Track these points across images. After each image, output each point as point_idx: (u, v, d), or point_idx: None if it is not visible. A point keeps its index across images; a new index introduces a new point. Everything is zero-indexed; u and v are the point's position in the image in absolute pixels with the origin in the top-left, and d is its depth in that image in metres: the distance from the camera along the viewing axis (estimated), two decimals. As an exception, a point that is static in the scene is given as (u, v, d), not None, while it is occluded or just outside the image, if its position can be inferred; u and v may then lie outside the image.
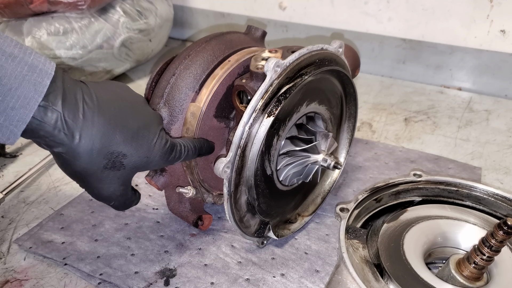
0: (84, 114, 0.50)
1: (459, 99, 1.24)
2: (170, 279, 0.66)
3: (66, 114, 0.48)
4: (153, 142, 0.56)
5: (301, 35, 1.46)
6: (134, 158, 0.55)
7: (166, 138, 0.58)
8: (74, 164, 0.51)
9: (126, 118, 0.54)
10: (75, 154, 0.50)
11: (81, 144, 0.50)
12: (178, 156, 0.60)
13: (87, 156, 0.51)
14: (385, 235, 0.65)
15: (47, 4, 1.10)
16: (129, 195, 0.60)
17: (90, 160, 0.51)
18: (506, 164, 0.95)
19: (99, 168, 0.52)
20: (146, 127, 0.56)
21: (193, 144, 0.62)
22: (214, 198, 0.74)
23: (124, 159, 0.54)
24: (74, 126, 0.49)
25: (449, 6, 1.23)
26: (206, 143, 0.65)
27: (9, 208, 0.81)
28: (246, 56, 0.68)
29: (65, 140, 0.49)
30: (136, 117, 0.56)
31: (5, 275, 0.67)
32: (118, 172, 0.54)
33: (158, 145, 0.57)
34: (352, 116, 0.79)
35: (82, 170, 0.52)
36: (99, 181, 0.54)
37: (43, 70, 0.47)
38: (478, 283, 0.58)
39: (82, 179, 0.54)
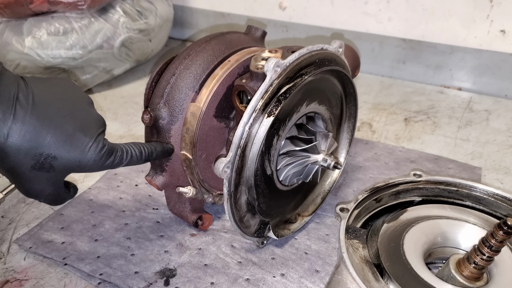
0: (14, 114, 0.49)
1: (459, 99, 1.24)
2: (170, 279, 0.66)
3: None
4: (88, 146, 0.55)
5: (301, 35, 1.46)
6: (65, 161, 0.54)
7: (104, 143, 0.57)
8: (2, 162, 0.51)
9: (62, 120, 0.53)
10: (3, 152, 0.50)
11: (8, 143, 0.49)
12: (118, 161, 0.58)
13: (14, 155, 0.50)
14: (385, 235, 0.65)
15: (47, 4, 1.10)
16: (60, 194, 0.59)
17: (18, 160, 0.51)
18: (506, 164, 0.95)
19: (26, 168, 0.52)
20: (83, 130, 0.55)
21: (139, 149, 0.61)
22: (214, 198, 0.74)
23: (54, 161, 0.53)
24: (1, 125, 0.49)
25: (449, 6, 1.23)
26: (159, 148, 0.64)
27: (9, 208, 0.81)
28: (246, 56, 0.68)
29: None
30: (74, 119, 0.55)
31: (5, 275, 0.67)
32: (47, 173, 0.54)
33: (93, 150, 0.55)
34: (352, 116, 0.79)
35: (10, 168, 0.52)
36: (27, 180, 0.54)
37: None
38: (478, 283, 0.58)
39: (11, 177, 0.54)
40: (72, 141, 0.54)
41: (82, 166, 0.55)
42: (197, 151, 0.66)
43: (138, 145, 0.62)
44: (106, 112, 1.17)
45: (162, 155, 0.65)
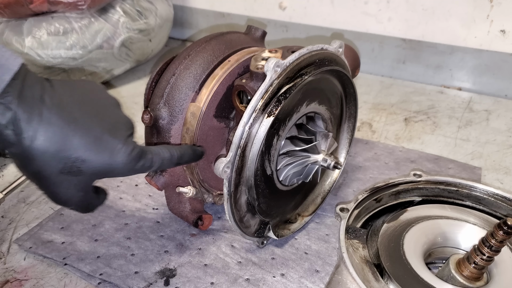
0: (41, 115, 0.47)
1: (459, 99, 1.24)
2: (170, 279, 0.66)
3: (20, 113, 0.46)
4: (117, 148, 0.52)
5: (301, 35, 1.46)
6: (94, 164, 0.51)
7: (134, 146, 0.54)
8: (28, 166, 0.49)
9: (90, 122, 0.51)
10: (28, 155, 0.48)
11: (33, 146, 0.47)
12: (149, 165, 0.56)
13: (41, 159, 0.48)
14: (385, 235, 0.65)
15: (47, 4, 1.11)
16: (90, 200, 0.56)
17: (44, 163, 0.49)
18: (506, 164, 0.95)
19: (54, 172, 0.49)
20: (111, 132, 0.52)
21: (169, 152, 0.58)
22: (214, 198, 0.74)
23: (83, 165, 0.50)
24: (27, 127, 0.46)
25: (449, 6, 1.23)
26: (190, 151, 0.62)
27: (9, 208, 0.81)
28: (246, 56, 0.68)
29: (16, 140, 0.47)
30: (102, 121, 0.53)
31: (5, 275, 0.67)
32: (76, 178, 0.51)
33: (122, 152, 0.52)
34: (352, 116, 0.79)
35: (36, 172, 0.50)
36: (54, 185, 0.51)
37: (5, 66, 0.45)
38: (478, 283, 0.58)
39: (38, 182, 0.52)
40: (100, 144, 0.51)
41: (112, 169, 0.52)
42: (197, 151, 0.66)
43: (168, 148, 0.59)
44: (106, 112, 1.17)
45: (193, 159, 0.62)
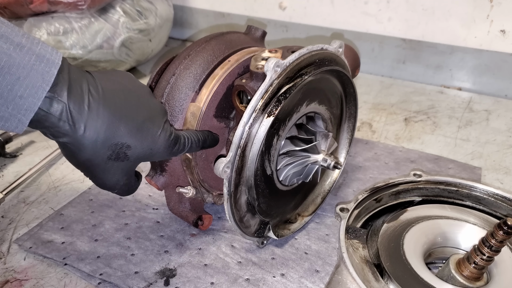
0: (89, 106, 0.50)
1: (459, 99, 1.24)
2: (170, 279, 0.66)
3: (72, 106, 0.49)
4: (158, 134, 0.56)
5: (301, 35, 1.46)
6: (138, 149, 0.55)
7: (171, 130, 0.58)
8: (78, 155, 0.52)
9: (131, 110, 0.54)
10: (80, 145, 0.50)
11: (85, 136, 0.50)
12: (182, 148, 0.60)
13: (92, 147, 0.51)
14: (385, 235, 0.65)
15: (47, 4, 1.10)
16: (132, 183, 0.60)
17: (95, 151, 0.51)
18: (506, 164, 0.95)
19: (103, 159, 0.53)
20: (151, 119, 0.56)
21: (196, 136, 0.62)
22: (214, 198, 0.74)
23: (128, 151, 0.54)
24: (79, 118, 0.49)
25: (449, 6, 1.23)
26: (210, 135, 0.65)
27: (9, 208, 0.81)
28: (246, 56, 0.68)
29: (69, 131, 0.49)
30: (141, 109, 0.56)
31: (5, 275, 0.67)
32: (122, 163, 0.55)
33: (162, 137, 0.57)
34: (352, 116, 0.79)
35: (87, 160, 0.52)
36: (103, 171, 0.54)
37: (50, 60, 0.47)
38: (478, 283, 0.58)
39: (87, 169, 0.55)
40: (143, 130, 0.55)
41: (153, 154, 0.57)
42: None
43: (195, 133, 0.62)
44: (106, 112, 1.17)
45: (213, 143, 0.65)
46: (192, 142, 0.61)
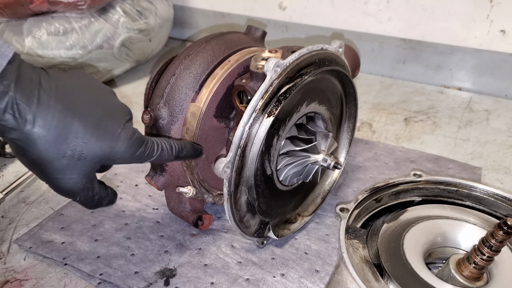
0: (39, 99, 0.47)
1: (459, 99, 1.24)
2: (170, 279, 0.66)
3: (19, 97, 0.46)
4: (118, 132, 0.53)
5: (301, 35, 1.46)
6: (96, 148, 0.51)
7: (134, 130, 0.55)
8: (28, 152, 0.48)
9: (88, 106, 0.52)
10: (29, 140, 0.47)
11: (35, 130, 0.47)
12: (149, 153, 0.56)
13: (42, 143, 0.48)
14: (385, 235, 0.65)
15: (47, 4, 1.10)
16: (95, 190, 0.56)
17: (46, 147, 0.48)
18: (506, 164, 0.95)
19: (56, 157, 0.49)
20: (111, 117, 0.53)
21: (170, 144, 0.58)
22: (214, 198, 0.74)
23: (84, 149, 0.50)
24: (27, 110, 0.46)
25: (449, 6, 1.23)
26: (189, 146, 0.62)
27: (9, 208, 0.81)
28: (246, 56, 0.68)
29: (16, 125, 0.46)
30: (100, 106, 0.53)
31: (5, 275, 0.67)
32: (78, 162, 0.51)
33: (123, 136, 0.53)
34: (352, 116, 0.79)
35: (38, 158, 0.49)
36: (57, 171, 0.50)
37: (0, 52, 0.45)
38: (478, 283, 0.58)
39: (39, 169, 0.51)
40: (100, 127, 0.51)
41: (113, 154, 0.53)
42: (197, 151, 0.66)
43: (168, 141, 0.59)
44: (106, 112, 1.17)
45: (192, 155, 0.62)
46: (164, 150, 0.57)
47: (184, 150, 0.60)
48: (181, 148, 0.60)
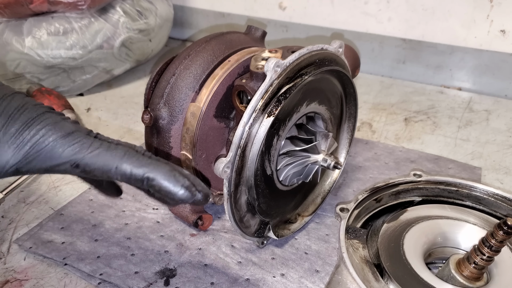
0: None
1: (459, 99, 1.24)
2: (170, 279, 0.66)
3: None
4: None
5: (301, 35, 1.46)
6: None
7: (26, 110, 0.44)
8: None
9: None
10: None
11: None
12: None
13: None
14: (385, 235, 0.65)
15: (47, 4, 1.10)
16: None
17: None
18: (506, 164, 0.95)
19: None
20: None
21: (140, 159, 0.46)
22: (214, 198, 0.74)
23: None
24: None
25: (449, 6, 1.23)
26: (197, 181, 0.48)
27: (9, 208, 0.81)
28: (246, 56, 0.68)
29: None
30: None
31: (5, 275, 0.67)
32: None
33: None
34: (352, 116, 0.79)
35: None
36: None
37: None
38: (478, 283, 0.58)
39: None
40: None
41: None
42: (197, 151, 0.66)
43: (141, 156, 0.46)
44: (106, 112, 1.17)
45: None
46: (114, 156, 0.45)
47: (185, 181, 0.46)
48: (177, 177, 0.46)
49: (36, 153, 0.44)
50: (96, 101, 1.23)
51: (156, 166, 0.45)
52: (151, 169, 0.45)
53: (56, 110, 0.48)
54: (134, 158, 0.45)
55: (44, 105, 0.47)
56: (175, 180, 0.45)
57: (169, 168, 0.46)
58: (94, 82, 1.26)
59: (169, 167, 0.46)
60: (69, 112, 1.06)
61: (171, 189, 0.45)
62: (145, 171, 0.45)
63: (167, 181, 0.45)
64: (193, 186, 0.46)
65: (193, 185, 0.46)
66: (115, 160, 0.45)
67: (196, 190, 0.46)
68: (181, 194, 0.45)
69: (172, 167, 0.46)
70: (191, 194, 0.46)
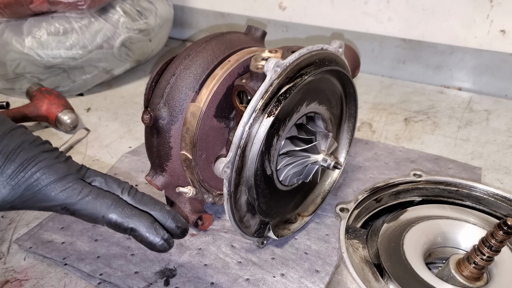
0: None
1: (459, 99, 1.24)
2: (170, 279, 0.66)
3: None
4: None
5: (301, 35, 1.46)
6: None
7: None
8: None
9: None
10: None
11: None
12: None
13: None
14: (385, 235, 0.65)
15: (47, 4, 1.11)
16: None
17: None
18: (506, 164, 0.95)
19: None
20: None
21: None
22: (214, 198, 0.74)
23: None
24: None
25: (449, 6, 1.23)
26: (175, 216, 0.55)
27: (9, 208, 0.81)
28: (246, 56, 0.68)
29: None
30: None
31: (5, 275, 0.67)
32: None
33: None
34: (352, 116, 0.79)
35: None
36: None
37: None
38: (478, 283, 0.59)
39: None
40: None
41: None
42: (197, 151, 0.66)
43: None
44: (106, 112, 1.17)
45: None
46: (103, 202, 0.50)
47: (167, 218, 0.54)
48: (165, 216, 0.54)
49: (30, 194, 0.48)
50: (96, 101, 1.23)
51: (139, 218, 0.51)
52: (135, 221, 0.51)
53: (56, 111, 0.50)
54: (120, 209, 0.51)
55: (41, 142, 0.51)
56: (155, 232, 0.52)
57: (151, 221, 0.52)
58: (94, 82, 1.26)
59: (151, 219, 0.52)
60: (69, 112, 1.06)
61: (151, 240, 0.52)
62: (129, 222, 0.51)
63: (148, 233, 0.51)
64: (171, 238, 0.53)
65: (171, 237, 0.53)
66: (102, 209, 0.50)
67: (172, 242, 0.53)
68: (160, 246, 0.52)
69: (153, 219, 0.52)
70: (169, 246, 0.53)
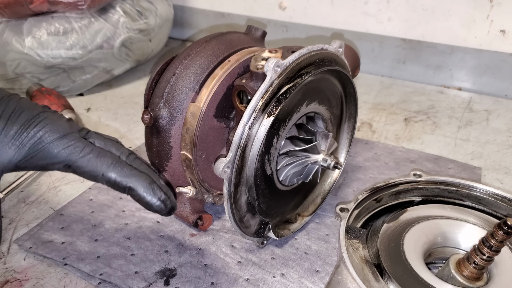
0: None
1: (459, 99, 1.24)
2: (170, 279, 0.66)
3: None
4: None
5: (301, 35, 1.46)
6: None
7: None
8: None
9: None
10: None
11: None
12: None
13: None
14: (385, 235, 0.65)
15: (47, 4, 1.11)
16: None
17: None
18: (506, 164, 0.95)
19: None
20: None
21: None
22: (214, 198, 0.74)
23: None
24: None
25: (449, 6, 1.23)
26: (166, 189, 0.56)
27: (9, 208, 0.81)
28: (246, 56, 0.68)
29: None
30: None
31: (5, 275, 0.67)
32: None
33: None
34: (352, 116, 0.79)
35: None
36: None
37: None
38: (478, 283, 0.58)
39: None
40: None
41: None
42: (197, 151, 0.66)
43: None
44: (106, 112, 1.17)
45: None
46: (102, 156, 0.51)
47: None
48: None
49: (34, 152, 0.49)
50: (96, 101, 1.23)
51: (138, 177, 0.52)
52: (133, 180, 0.52)
53: (56, 110, 0.51)
54: (119, 168, 0.52)
55: (39, 105, 0.52)
56: (153, 193, 0.52)
57: (149, 181, 0.53)
58: (94, 82, 1.26)
59: (149, 180, 0.53)
60: (69, 112, 1.06)
61: (148, 200, 0.53)
62: (127, 181, 0.51)
63: (146, 193, 0.52)
64: (168, 199, 0.54)
65: (168, 198, 0.54)
66: (102, 167, 0.51)
67: (170, 204, 0.54)
68: (157, 206, 0.53)
69: (151, 180, 0.53)
70: (165, 207, 0.54)
